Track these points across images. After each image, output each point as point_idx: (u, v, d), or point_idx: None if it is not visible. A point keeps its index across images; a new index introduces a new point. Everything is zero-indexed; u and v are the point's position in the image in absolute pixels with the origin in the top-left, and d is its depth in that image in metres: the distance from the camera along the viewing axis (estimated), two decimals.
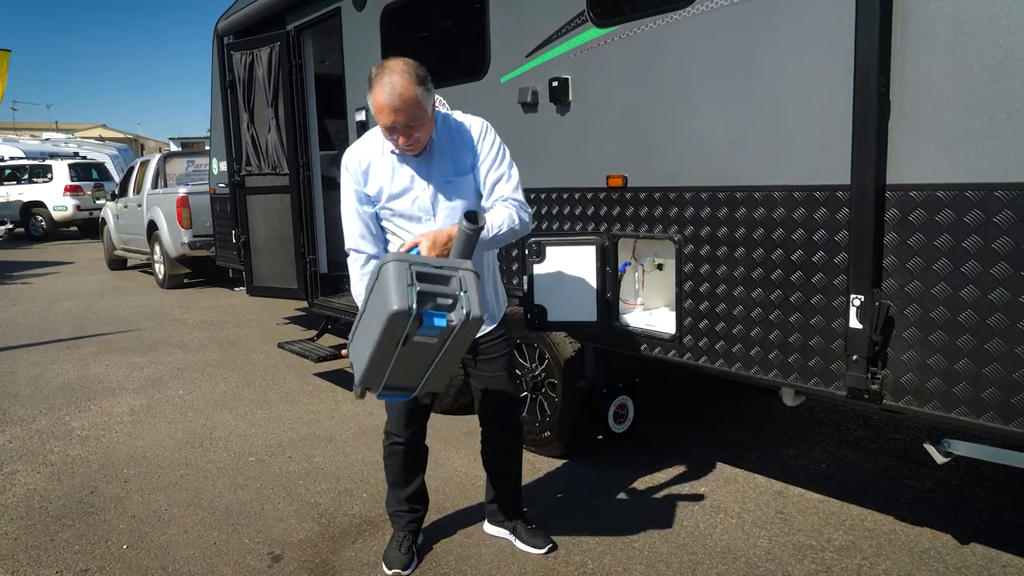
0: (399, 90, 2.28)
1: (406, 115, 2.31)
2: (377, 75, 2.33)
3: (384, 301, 2.02)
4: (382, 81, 2.30)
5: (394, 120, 2.32)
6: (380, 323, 2.04)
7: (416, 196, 2.52)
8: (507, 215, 2.45)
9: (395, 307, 1.99)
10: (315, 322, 6.67)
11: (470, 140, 2.54)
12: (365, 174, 2.54)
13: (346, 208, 2.59)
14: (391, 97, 2.28)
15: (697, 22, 2.78)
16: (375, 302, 2.10)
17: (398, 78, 2.29)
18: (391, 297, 2.01)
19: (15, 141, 22.96)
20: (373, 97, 2.33)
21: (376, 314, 2.07)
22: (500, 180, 2.52)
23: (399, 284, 2.02)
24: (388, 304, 2.00)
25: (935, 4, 2.17)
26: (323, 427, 4.36)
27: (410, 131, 2.36)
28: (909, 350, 2.33)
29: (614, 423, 3.79)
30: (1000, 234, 2.09)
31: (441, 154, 2.52)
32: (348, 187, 2.57)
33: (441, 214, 2.52)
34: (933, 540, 2.92)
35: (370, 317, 2.13)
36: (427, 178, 2.51)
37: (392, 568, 2.74)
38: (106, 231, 12.05)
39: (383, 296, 2.04)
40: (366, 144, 2.58)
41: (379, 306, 2.05)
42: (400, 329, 2.04)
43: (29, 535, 3.14)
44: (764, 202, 2.65)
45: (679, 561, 2.80)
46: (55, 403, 4.97)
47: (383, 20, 4.44)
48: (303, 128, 5.50)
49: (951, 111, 2.16)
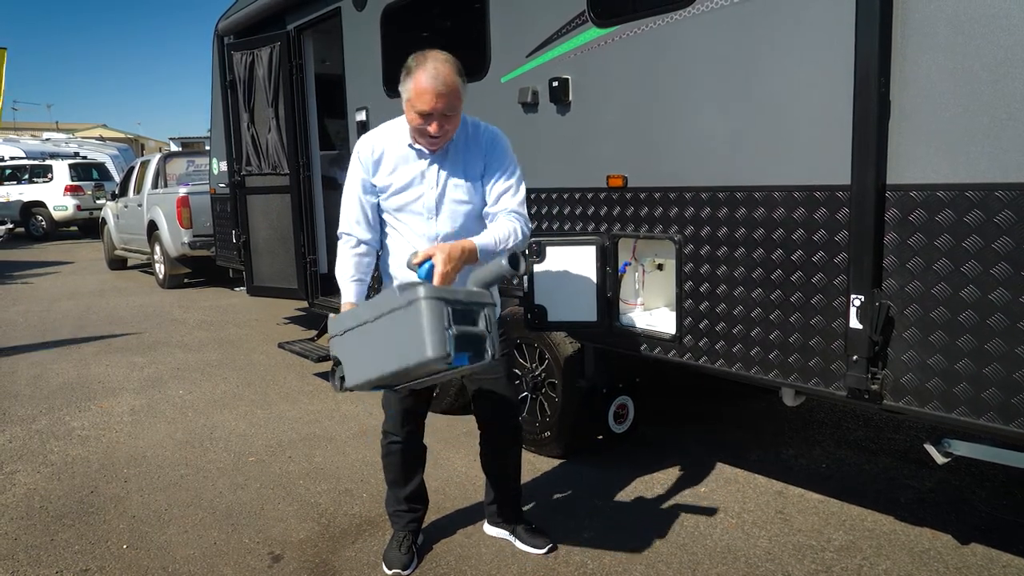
0: (443, 76, 2.28)
1: (446, 101, 2.31)
2: (419, 62, 2.32)
3: (418, 342, 1.90)
4: (425, 66, 2.30)
5: (434, 105, 2.30)
6: (408, 360, 1.94)
7: (423, 194, 2.51)
8: (511, 228, 2.45)
9: (431, 355, 1.89)
10: (315, 322, 6.67)
11: (484, 147, 2.54)
12: (376, 164, 2.53)
13: (349, 192, 2.57)
14: (435, 81, 2.27)
15: (697, 22, 2.78)
16: (401, 332, 1.97)
17: (442, 65, 2.30)
18: (427, 341, 1.89)
19: (15, 141, 22.97)
20: (414, 81, 2.31)
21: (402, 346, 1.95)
22: (507, 192, 2.52)
23: (437, 327, 1.90)
24: (423, 349, 1.89)
25: (935, 4, 2.17)
26: (323, 427, 4.36)
27: (445, 120, 2.35)
28: (909, 350, 2.33)
29: (614, 423, 3.79)
30: (1000, 234, 2.09)
31: (455, 155, 2.52)
32: (356, 173, 2.55)
33: (444, 215, 2.52)
34: (933, 540, 2.92)
35: (390, 342, 2.00)
36: (437, 177, 2.51)
37: (392, 568, 2.74)
38: (106, 231, 12.06)
39: (416, 336, 1.91)
40: (383, 134, 2.56)
41: (409, 342, 1.93)
42: (426, 368, 1.97)
43: (29, 535, 3.14)
44: (764, 202, 2.65)
45: (679, 561, 2.80)
46: (55, 403, 4.97)
47: (383, 20, 4.44)
48: (303, 128, 5.50)
49: (951, 111, 2.16)
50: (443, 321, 1.93)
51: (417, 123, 2.38)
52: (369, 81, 4.69)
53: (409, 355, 1.94)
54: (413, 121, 2.39)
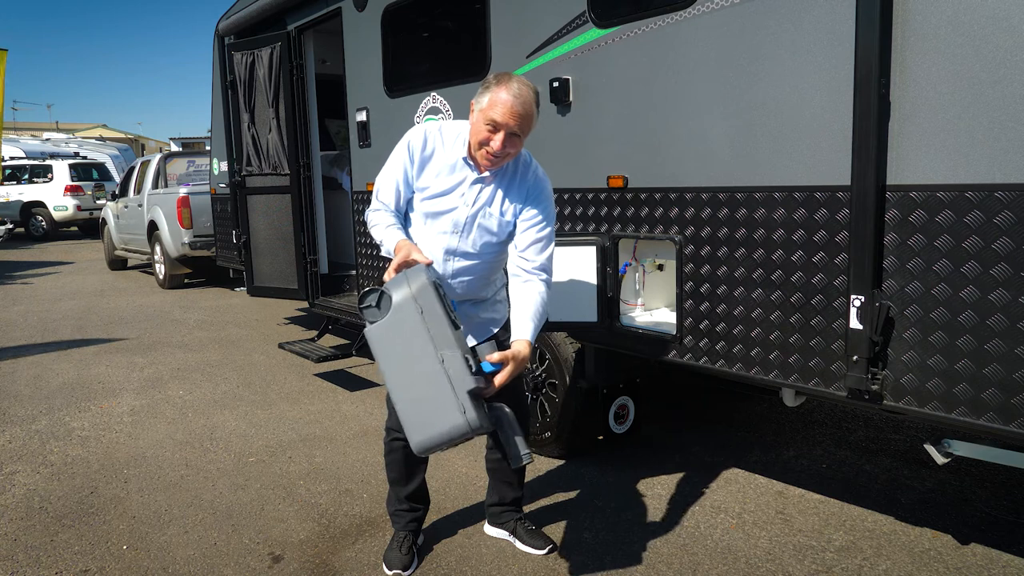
0: (525, 96, 2.31)
1: (519, 122, 2.31)
2: (502, 80, 2.34)
3: (453, 416, 2.15)
4: (510, 86, 2.31)
5: (507, 121, 2.29)
6: (445, 429, 2.17)
7: (456, 207, 2.47)
8: (541, 305, 2.43)
9: (472, 427, 2.14)
10: (316, 322, 6.68)
11: (529, 188, 2.50)
12: (424, 161, 2.48)
13: (387, 176, 2.52)
14: (517, 100, 2.29)
15: (698, 23, 2.78)
16: (441, 396, 2.16)
17: (526, 90, 2.33)
18: (474, 418, 2.13)
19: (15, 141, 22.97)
20: (493, 94, 2.31)
21: (440, 413, 2.17)
22: (538, 243, 2.47)
23: (479, 407, 2.17)
24: (466, 425, 2.14)
25: (935, 5, 2.17)
26: (323, 427, 4.36)
27: (510, 141, 2.33)
28: (909, 351, 2.33)
29: (615, 424, 3.79)
30: (1000, 235, 2.09)
31: (499, 185, 2.48)
32: (401, 162, 2.49)
33: (469, 236, 2.49)
34: (933, 540, 2.92)
35: (434, 415, 2.19)
36: (475, 198, 2.47)
37: (392, 568, 2.75)
38: (106, 231, 12.05)
39: (450, 407, 2.15)
40: (444, 135, 2.50)
41: (447, 408, 2.16)
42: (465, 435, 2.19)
43: (29, 535, 3.14)
44: (765, 203, 2.65)
45: (679, 561, 2.80)
46: (55, 403, 4.97)
47: (384, 20, 4.45)
48: (304, 128, 5.51)
49: (951, 112, 2.16)
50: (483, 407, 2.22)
51: (483, 134, 2.34)
52: (370, 81, 4.69)
53: (451, 429, 2.18)
54: (480, 132, 2.35)
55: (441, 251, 2.50)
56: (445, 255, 2.50)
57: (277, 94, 5.48)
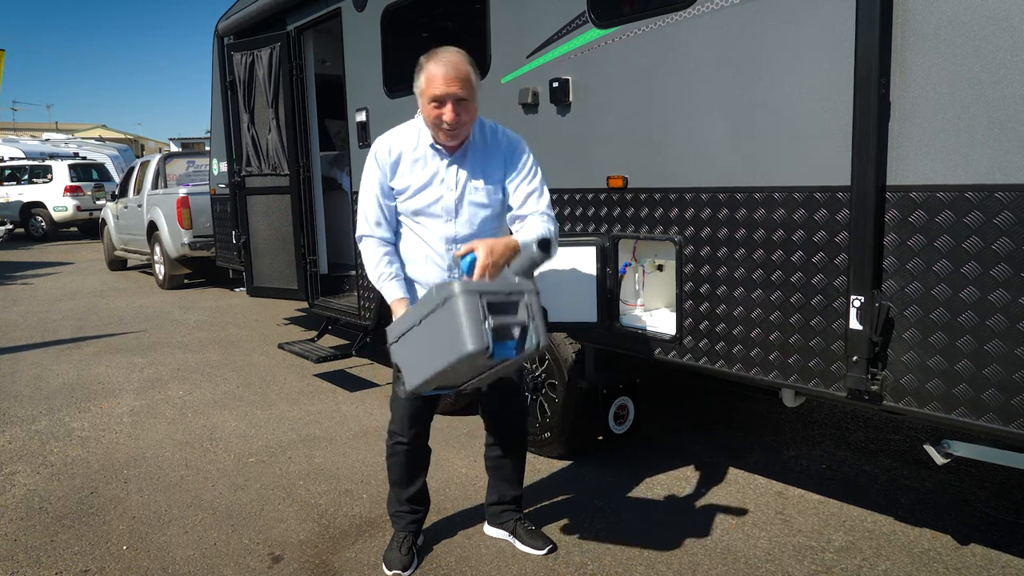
0: (454, 63, 2.34)
1: (458, 87, 2.33)
2: (430, 55, 2.39)
3: (458, 338, 1.96)
4: (437, 57, 2.36)
5: (447, 90, 2.33)
6: (451, 356, 1.99)
7: (441, 195, 2.51)
8: (544, 229, 2.46)
9: (471, 348, 1.95)
10: (315, 323, 6.68)
11: (504, 152, 2.55)
12: (394, 166, 2.53)
13: (366, 195, 2.56)
14: (446, 67, 2.33)
15: (698, 23, 2.78)
16: (441, 331, 2.03)
17: (453, 55, 2.36)
18: (465, 336, 1.95)
19: (15, 141, 22.97)
20: (426, 72, 2.36)
21: (444, 344, 2.01)
22: (533, 194, 2.53)
23: (474, 321, 1.96)
24: (463, 344, 1.95)
25: (935, 5, 2.17)
26: (323, 428, 4.36)
27: (459, 107, 2.36)
28: (909, 351, 2.33)
29: (614, 424, 3.79)
30: (1000, 235, 2.09)
31: (474, 158, 2.53)
32: (373, 176, 2.54)
33: (463, 217, 2.52)
34: (933, 541, 2.92)
35: (434, 342, 2.07)
36: (456, 179, 2.51)
37: (392, 569, 2.74)
38: (106, 232, 12.06)
39: (455, 332, 1.97)
40: (400, 135, 2.56)
41: (449, 339, 1.99)
42: (471, 364, 2.03)
43: (29, 536, 3.14)
44: (764, 203, 2.65)
45: (679, 562, 2.80)
46: (55, 404, 4.97)
47: (383, 21, 4.44)
48: (303, 129, 5.51)
49: (951, 112, 2.16)
50: (479, 314, 1.98)
51: (433, 113, 2.39)
52: (369, 81, 4.69)
53: (451, 351, 1.99)
54: (429, 114, 2.40)
55: (442, 242, 2.52)
56: (447, 245, 2.52)
57: (277, 94, 5.48)
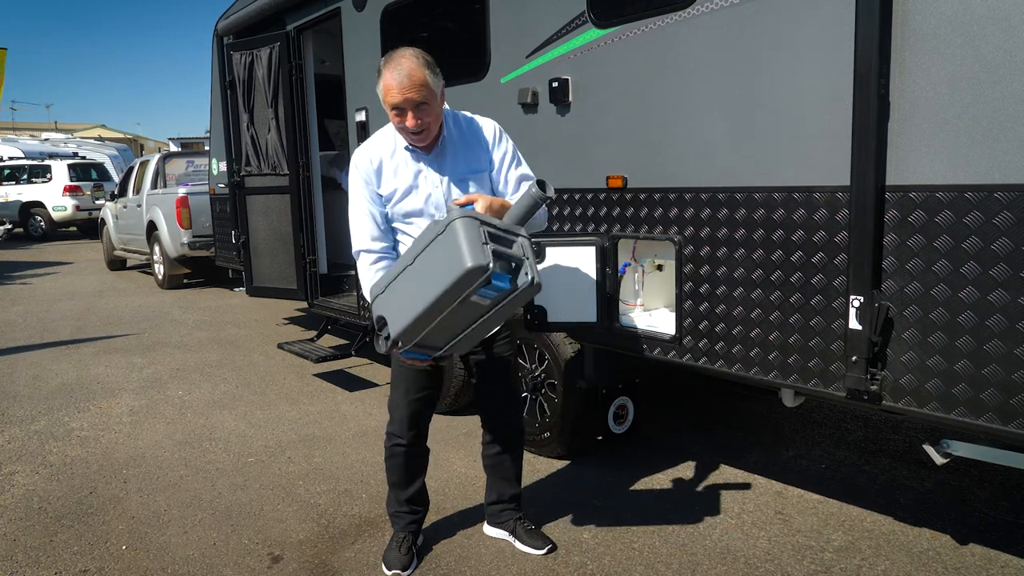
0: (407, 69, 2.33)
1: (415, 93, 2.34)
2: (385, 62, 2.38)
3: (457, 256, 1.98)
4: (390, 65, 2.36)
5: (403, 98, 2.33)
6: (449, 278, 2.00)
7: (430, 192, 2.52)
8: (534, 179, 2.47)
9: (471, 263, 1.96)
10: (315, 322, 6.68)
11: (484, 141, 2.57)
12: (378, 173, 2.54)
13: (356, 208, 2.56)
14: (399, 75, 2.32)
15: (697, 23, 2.78)
16: (440, 257, 2.04)
17: (406, 61, 2.35)
18: (465, 253, 1.97)
19: (14, 141, 22.96)
20: (383, 81, 2.37)
21: (442, 269, 2.02)
22: (524, 178, 2.59)
23: (474, 241, 1.98)
24: (463, 260, 1.97)
25: (935, 5, 2.17)
26: (323, 428, 4.36)
27: (419, 112, 2.37)
28: (908, 351, 2.33)
29: (614, 424, 3.79)
30: (999, 235, 2.09)
31: (454, 151, 2.54)
32: (359, 187, 2.55)
33: None
34: (932, 541, 2.92)
35: (430, 271, 2.07)
36: (440, 174, 2.53)
37: (392, 569, 2.74)
38: (105, 231, 12.05)
39: (454, 251, 1.99)
40: (376, 143, 2.58)
41: (448, 261, 2.00)
42: (468, 286, 2.01)
43: (28, 536, 3.14)
44: (764, 203, 2.65)
45: (679, 561, 2.80)
46: (54, 403, 4.97)
47: (383, 20, 4.44)
48: (303, 128, 5.50)
49: (951, 112, 2.16)
50: (480, 237, 2.01)
51: (396, 121, 2.42)
52: (369, 81, 4.67)
53: (450, 272, 2.00)
54: (393, 120, 2.43)
55: None
56: None
57: (276, 94, 5.47)
